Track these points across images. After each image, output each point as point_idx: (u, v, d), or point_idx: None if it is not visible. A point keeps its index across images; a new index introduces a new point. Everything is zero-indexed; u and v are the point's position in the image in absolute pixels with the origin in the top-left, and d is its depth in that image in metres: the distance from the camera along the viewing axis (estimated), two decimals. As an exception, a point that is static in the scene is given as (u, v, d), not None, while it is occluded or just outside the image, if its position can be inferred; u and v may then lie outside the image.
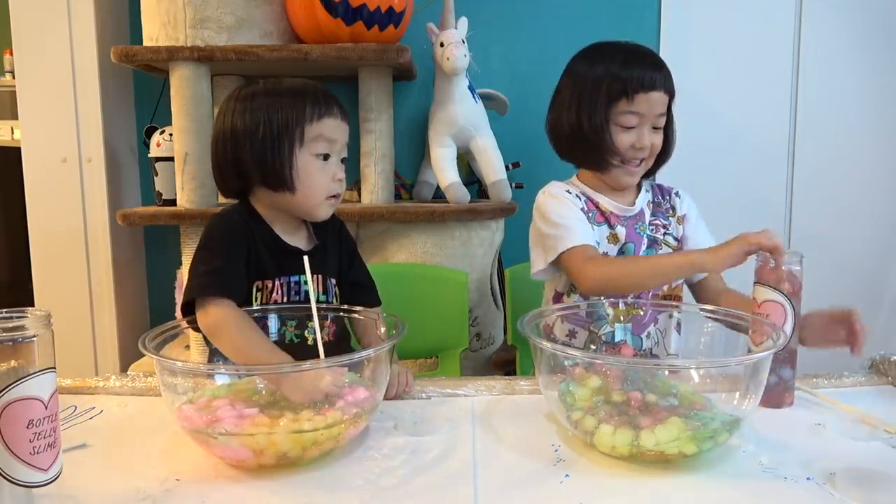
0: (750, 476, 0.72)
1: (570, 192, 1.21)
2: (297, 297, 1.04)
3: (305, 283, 1.03)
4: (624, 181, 1.21)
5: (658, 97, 1.15)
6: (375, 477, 0.73)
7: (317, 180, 1.01)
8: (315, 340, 0.86)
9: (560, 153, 1.24)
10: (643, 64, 1.15)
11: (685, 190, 1.30)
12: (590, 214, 1.20)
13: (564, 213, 1.18)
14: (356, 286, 1.13)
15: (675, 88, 1.17)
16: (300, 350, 0.94)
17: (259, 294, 1.01)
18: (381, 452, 0.79)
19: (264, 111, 0.99)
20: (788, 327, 0.90)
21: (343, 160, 1.06)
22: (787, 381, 0.91)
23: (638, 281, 1.10)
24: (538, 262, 1.20)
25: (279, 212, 1.05)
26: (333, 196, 1.04)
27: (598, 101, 1.15)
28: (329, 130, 1.01)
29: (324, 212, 1.05)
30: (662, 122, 1.18)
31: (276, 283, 1.02)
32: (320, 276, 1.06)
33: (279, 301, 1.02)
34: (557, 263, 1.17)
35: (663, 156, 1.22)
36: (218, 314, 0.90)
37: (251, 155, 0.99)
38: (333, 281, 1.09)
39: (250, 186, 1.04)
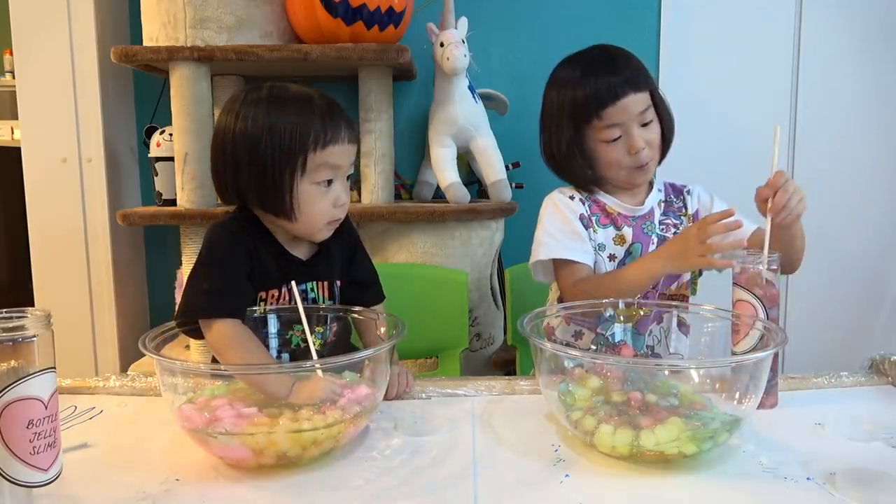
0: (750, 476, 0.72)
1: (575, 198, 1.21)
2: (306, 304, 1.02)
3: (312, 290, 1.03)
4: (638, 181, 1.20)
5: (631, 101, 1.12)
6: (375, 477, 0.72)
7: (317, 209, 0.96)
8: (316, 348, 0.87)
9: (558, 177, 1.24)
10: (600, 74, 1.12)
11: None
12: (593, 218, 1.19)
13: (556, 226, 1.18)
14: (356, 284, 1.10)
15: (660, 81, 1.16)
16: (307, 354, 0.94)
17: (263, 304, 1.00)
18: (382, 452, 0.79)
19: (266, 127, 0.92)
20: None
21: (348, 177, 1.01)
22: (767, 381, 0.90)
23: (612, 295, 1.04)
24: (531, 258, 1.22)
25: (278, 226, 1.01)
26: (334, 220, 1.00)
27: (564, 130, 1.15)
28: (334, 158, 0.95)
29: (322, 235, 1.01)
30: (650, 115, 1.15)
31: (283, 291, 1.01)
32: (326, 282, 1.05)
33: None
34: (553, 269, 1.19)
35: (665, 143, 1.20)
36: (224, 332, 0.89)
37: (249, 176, 0.94)
38: (339, 283, 1.08)
39: (247, 202, 1.00)
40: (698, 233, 0.98)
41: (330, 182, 0.97)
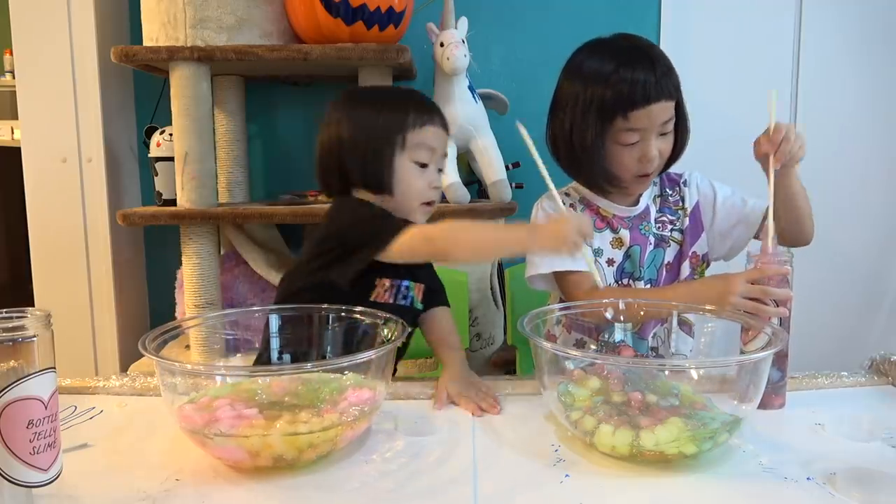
0: (750, 476, 0.72)
1: (565, 204, 1.16)
2: (404, 302, 1.06)
3: (410, 289, 1.08)
4: (638, 189, 1.17)
5: (659, 108, 1.06)
6: (374, 479, 0.72)
7: (414, 186, 1.04)
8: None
9: (564, 170, 1.19)
10: (636, 72, 1.05)
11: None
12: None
13: None
14: (429, 290, 1.12)
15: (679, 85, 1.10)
16: (307, 356, 0.97)
17: (372, 291, 1.04)
18: (381, 454, 0.78)
19: (369, 118, 1.03)
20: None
21: (440, 170, 1.08)
22: (774, 382, 0.89)
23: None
24: (526, 271, 1.20)
25: None
26: (428, 203, 1.07)
27: (590, 124, 1.08)
28: (430, 139, 1.04)
29: (418, 217, 1.07)
30: (671, 126, 1.10)
31: (393, 283, 1.05)
32: (422, 285, 1.09)
33: (387, 301, 1.04)
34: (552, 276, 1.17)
35: (674, 154, 1.15)
36: (427, 230, 0.96)
37: (354, 160, 1.03)
38: (423, 288, 1.11)
39: (351, 187, 1.06)
40: (743, 289, 0.93)
41: (425, 165, 1.05)
